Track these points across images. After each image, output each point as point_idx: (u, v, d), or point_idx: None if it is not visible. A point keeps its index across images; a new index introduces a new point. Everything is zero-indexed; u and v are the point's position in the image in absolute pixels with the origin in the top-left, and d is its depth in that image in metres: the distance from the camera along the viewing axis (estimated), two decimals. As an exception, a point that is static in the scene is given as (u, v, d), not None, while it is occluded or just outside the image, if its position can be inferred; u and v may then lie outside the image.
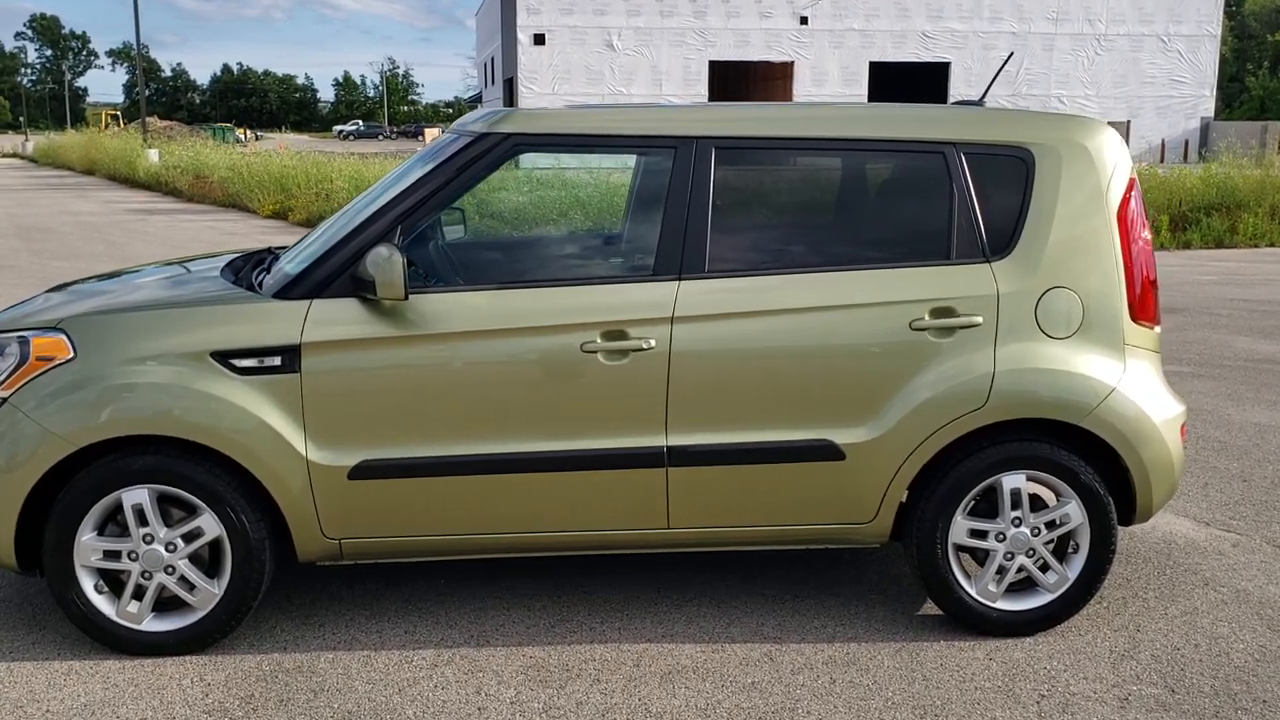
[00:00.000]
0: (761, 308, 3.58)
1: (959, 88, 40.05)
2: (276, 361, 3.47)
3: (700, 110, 3.76)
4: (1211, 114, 43.42)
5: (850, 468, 3.62)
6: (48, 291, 4.18)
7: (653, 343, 3.53)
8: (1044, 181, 3.69)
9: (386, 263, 3.36)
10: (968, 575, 3.77)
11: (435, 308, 3.52)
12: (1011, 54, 5.55)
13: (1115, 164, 3.75)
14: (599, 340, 3.52)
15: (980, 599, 3.74)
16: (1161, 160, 38.17)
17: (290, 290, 3.54)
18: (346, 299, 3.51)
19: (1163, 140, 42.16)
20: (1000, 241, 3.68)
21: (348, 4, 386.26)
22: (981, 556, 3.77)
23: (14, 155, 51.52)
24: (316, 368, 3.47)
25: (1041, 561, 3.74)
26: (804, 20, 40.82)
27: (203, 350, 3.46)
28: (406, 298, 3.40)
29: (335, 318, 3.49)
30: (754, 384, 3.58)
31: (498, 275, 4.19)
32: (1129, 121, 41.59)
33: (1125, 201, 3.74)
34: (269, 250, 4.51)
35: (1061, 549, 3.77)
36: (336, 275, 3.52)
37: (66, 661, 3.58)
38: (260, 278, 3.84)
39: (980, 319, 3.61)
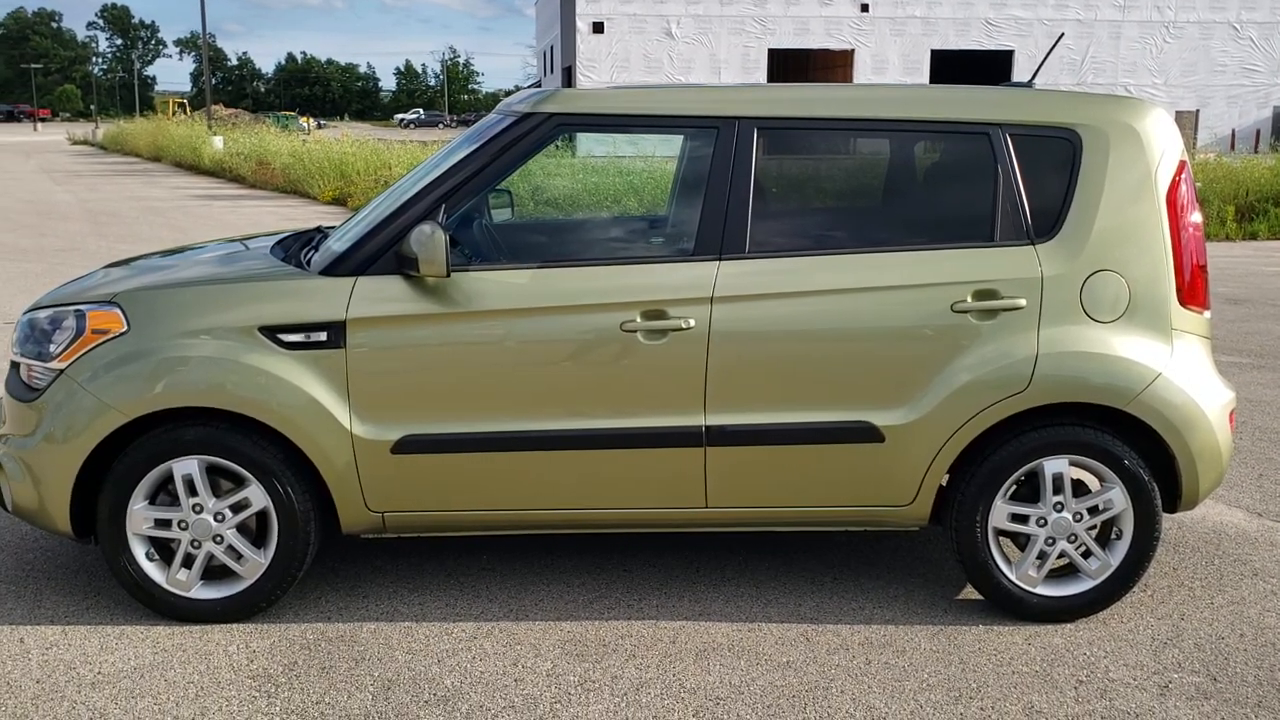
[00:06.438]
0: (801, 288, 3.57)
1: (1022, 77, 39.39)
2: (322, 337, 3.54)
3: (743, 90, 3.75)
4: (1285, 103, 42.34)
5: (890, 450, 3.61)
6: (106, 267, 4.29)
7: (692, 323, 3.54)
8: (1091, 163, 3.64)
9: (429, 240, 3.40)
10: (1008, 560, 3.74)
11: (477, 286, 3.56)
12: (1062, 35, 5.45)
13: (1165, 146, 3.69)
14: (639, 320, 3.54)
15: (1020, 584, 3.72)
16: (1232, 148, 37.27)
17: (336, 267, 3.60)
18: (391, 276, 3.56)
19: (1233, 130, 41.17)
20: (1045, 224, 3.64)
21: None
22: (1022, 541, 3.74)
23: (84, 142, 52.62)
24: (361, 343, 3.53)
25: (1084, 547, 3.70)
26: (865, 7, 40.41)
27: (251, 325, 3.53)
28: (449, 275, 3.44)
29: (379, 294, 3.54)
30: (793, 365, 3.58)
31: (540, 254, 4.23)
32: (1198, 110, 40.69)
33: (1175, 184, 3.67)
34: (318, 229, 4.59)
35: (1104, 535, 3.73)
36: (381, 253, 3.58)
37: (118, 626, 3.68)
38: (309, 255, 3.91)
39: (1023, 302, 3.58)
